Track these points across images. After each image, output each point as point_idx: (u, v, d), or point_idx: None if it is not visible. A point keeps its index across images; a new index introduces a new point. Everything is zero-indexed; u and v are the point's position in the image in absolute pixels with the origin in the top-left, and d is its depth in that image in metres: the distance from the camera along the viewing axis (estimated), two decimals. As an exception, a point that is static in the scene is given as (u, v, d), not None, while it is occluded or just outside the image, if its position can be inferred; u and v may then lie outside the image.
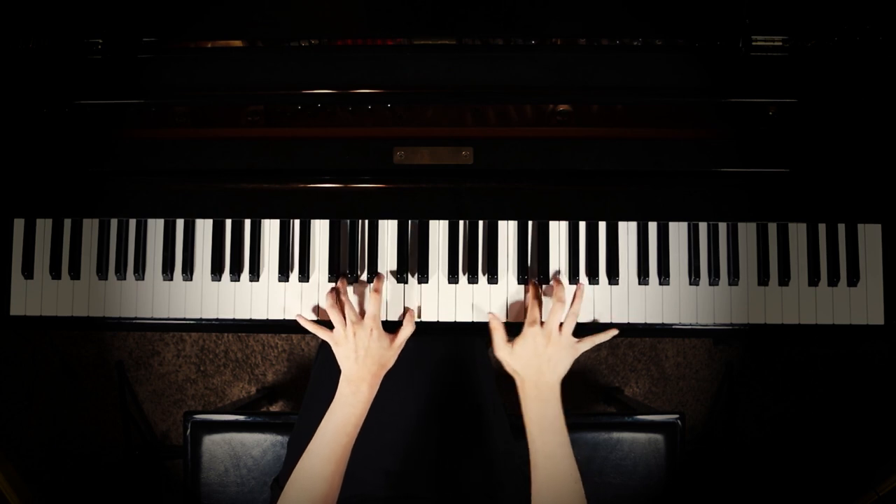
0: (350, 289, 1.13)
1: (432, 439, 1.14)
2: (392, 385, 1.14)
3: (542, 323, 1.04)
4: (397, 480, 1.09)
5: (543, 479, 0.96)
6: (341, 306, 1.07)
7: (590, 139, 1.08)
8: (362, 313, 1.07)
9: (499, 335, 1.06)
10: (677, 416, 1.33)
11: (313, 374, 1.27)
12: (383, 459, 1.10)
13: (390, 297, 1.13)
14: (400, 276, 1.13)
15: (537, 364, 1.01)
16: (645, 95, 1.07)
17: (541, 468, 0.97)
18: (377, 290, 1.07)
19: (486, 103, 1.10)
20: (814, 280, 1.12)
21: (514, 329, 1.08)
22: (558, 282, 1.09)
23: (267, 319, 1.13)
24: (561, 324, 1.05)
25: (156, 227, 1.14)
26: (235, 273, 1.13)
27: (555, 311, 1.05)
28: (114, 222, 1.14)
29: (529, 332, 1.03)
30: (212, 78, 1.08)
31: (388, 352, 1.05)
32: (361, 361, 1.02)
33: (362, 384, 1.02)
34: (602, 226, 1.13)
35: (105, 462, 2.01)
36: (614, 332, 1.09)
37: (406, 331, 1.07)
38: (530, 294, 1.09)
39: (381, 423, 1.12)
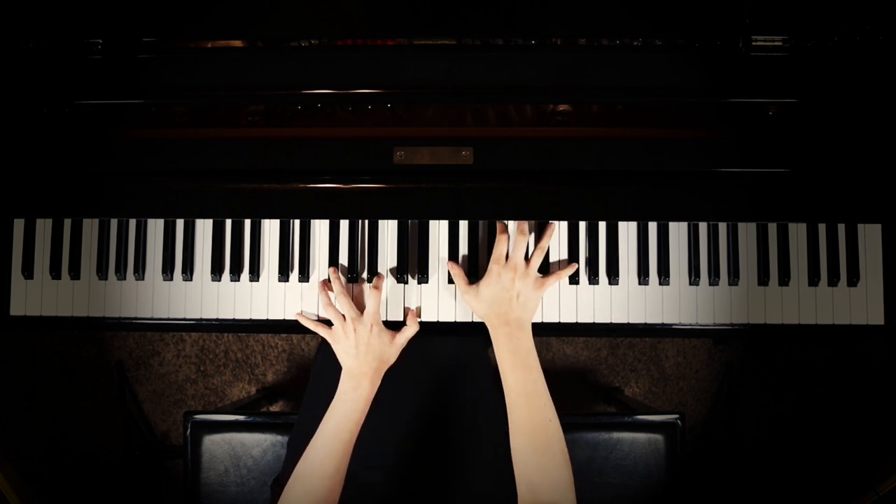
0: (351, 287, 1.13)
1: (433, 439, 1.14)
2: (392, 385, 1.14)
3: (507, 259, 1.04)
4: (398, 479, 1.09)
5: (518, 419, 0.94)
6: (346, 296, 1.07)
7: (590, 139, 1.08)
8: (361, 310, 1.08)
9: (461, 280, 1.06)
10: (677, 416, 1.33)
11: (313, 373, 1.27)
12: (384, 459, 1.10)
13: (390, 297, 1.13)
14: (400, 276, 1.13)
15: (507, 299, 1.01)
16: (645, 95, 1.07)
17: (515, 407, 0.95)
18: (377, 288, 1.08)
19: (486, 103, 1.10)
20: (814, 280, 1.12)
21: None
22: None
23: (267, 319, 1.13)
24: (528, 261, 1.04)
25: (156, 227, 1.15)
26: (235, 273, 1.13)
27: (518, 243, 1.04)
28: (114, 222, 1.14)
29: (495, 269, 1.03)
30: (212, 78, 1.08)
31: (390, 348, 1.05)
32: (362, 357, 1.02)
33: (363, 379, 1.01)
34: (602, 226, 1.13)
35: (105, 462, 2.01)
36: (575, 265, 1.10)
37: (410, 330, 1.07)
38: (498, 231, 1.08)
39: (381, 422, 1.13)
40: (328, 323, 1.08)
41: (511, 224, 1.10)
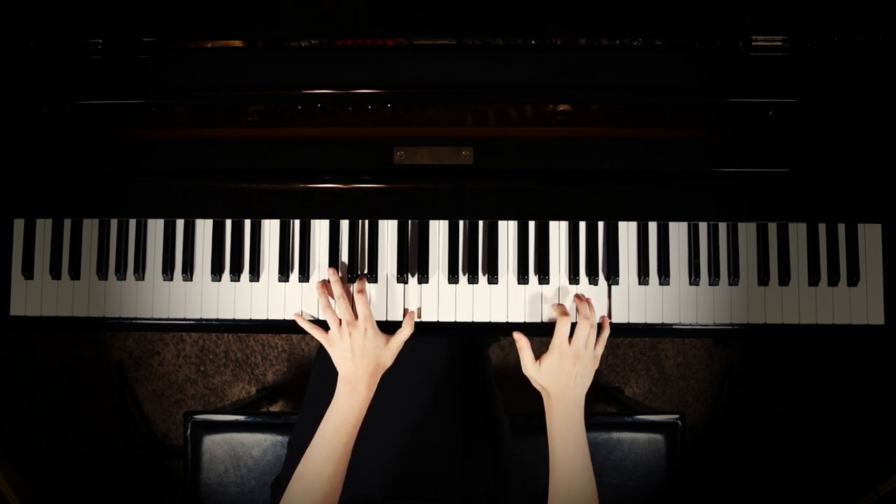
0: (350, 287, 1.13)
1: (433, 439, 1.14)
2: (393, 385, 1.14)
3: (569, 340, 1.05)
4: (399, 481, 1.09)
5: (562, 492, 0.97)
6: (346, 300, 1.07)
7: (590, 139, 1.08)
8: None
9: (526, 353, 1.06)
10: (677, 416, 1.33)
11: (313, 374, 1.27)
12: (385, 460, 1.10)
13: (390, 297, 1.13)
14: (400, 276, 1.13)
15: (565, 380, 1.02)
16: (645, 95, 1.07)
17: (560, 480, 0.98)
18: (361, 291, 1.07)
19: (486, 103, 1.10)
20: (814, 280, 1.12)
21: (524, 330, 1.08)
22: (581, 299, 1.09)
23: (267, 319, 1.13)
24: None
25: (156, 227, 1.15)
26: (235, 273, 1.13)
27: (581, 329, 1.04)
28: (114, 222, 1.14)
29: (557, 351, 1.03)
30: (212, 78, 1.08)
31: (385, 351, 1.05)
32: (357, 361, 1.02)
33: (359, 384, 1.02)
34: (602, 226, 1.13)
35: (105, 462, 2.01)
36: (607, 322, 1.11)
37: (404, 332, 1.07)
38: (557, 312, 1.08)
39: (382, 423, 1.13)
40: (324, 325, 1.08)
41: (568, 304, 1.11)
